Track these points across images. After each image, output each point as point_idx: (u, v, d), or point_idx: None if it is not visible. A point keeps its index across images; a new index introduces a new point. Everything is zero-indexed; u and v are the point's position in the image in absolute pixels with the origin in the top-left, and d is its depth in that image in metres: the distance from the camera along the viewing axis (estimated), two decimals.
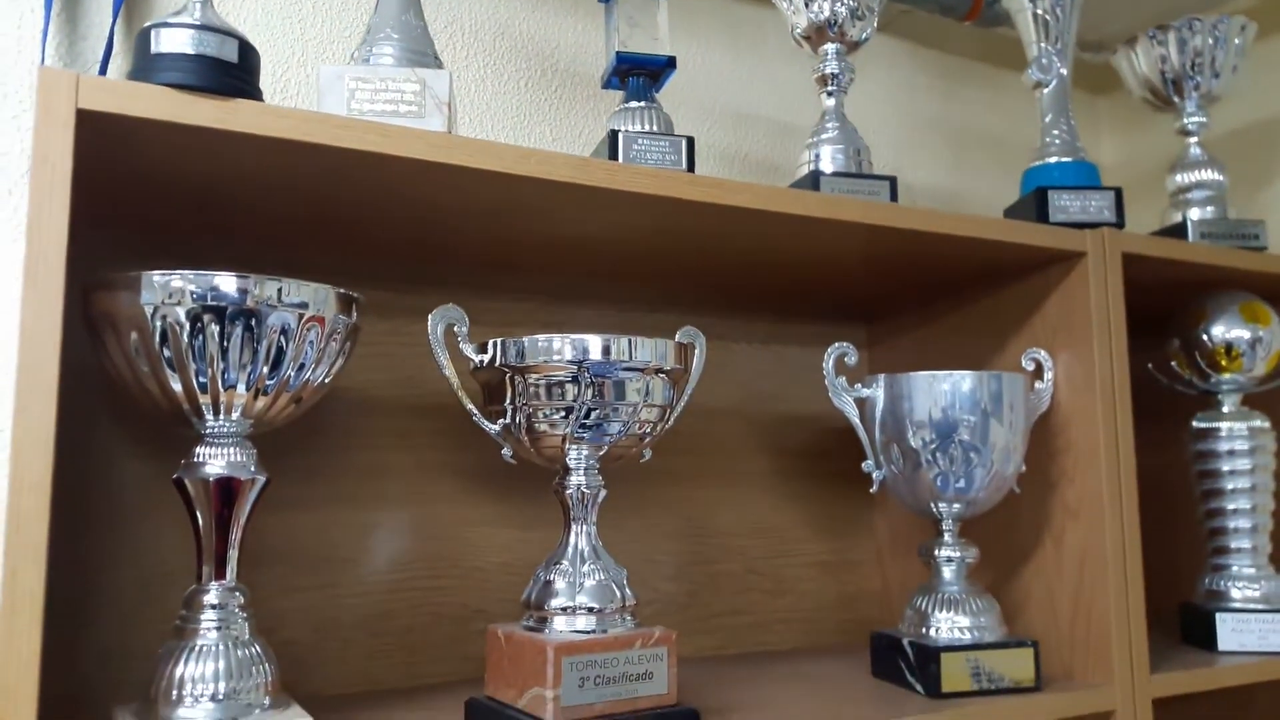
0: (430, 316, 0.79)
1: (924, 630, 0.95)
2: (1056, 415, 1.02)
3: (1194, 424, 1.17)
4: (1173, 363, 1.19)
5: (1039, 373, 1.02)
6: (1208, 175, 1.17)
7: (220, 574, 0.67)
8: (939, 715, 0.85)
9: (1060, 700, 0.92)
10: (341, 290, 0.69)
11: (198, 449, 0.68)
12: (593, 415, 0.78)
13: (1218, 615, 1.09)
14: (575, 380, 0.76)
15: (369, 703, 0.87)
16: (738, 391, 1.19)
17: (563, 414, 0.77)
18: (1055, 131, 1.09)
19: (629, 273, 1.08)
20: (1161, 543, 1.26)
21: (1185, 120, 1.20)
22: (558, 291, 1.08)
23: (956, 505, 0.96)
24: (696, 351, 0.89)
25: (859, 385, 0.99)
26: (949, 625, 0.94)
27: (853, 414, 0.99)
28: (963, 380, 0.94)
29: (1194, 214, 1.15)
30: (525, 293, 1.07)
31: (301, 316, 0.66)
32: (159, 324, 0.63)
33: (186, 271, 0.63)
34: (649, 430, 0.82)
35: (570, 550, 0.80)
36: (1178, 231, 1.13)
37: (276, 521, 0.92)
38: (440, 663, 0.98)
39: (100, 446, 0.87)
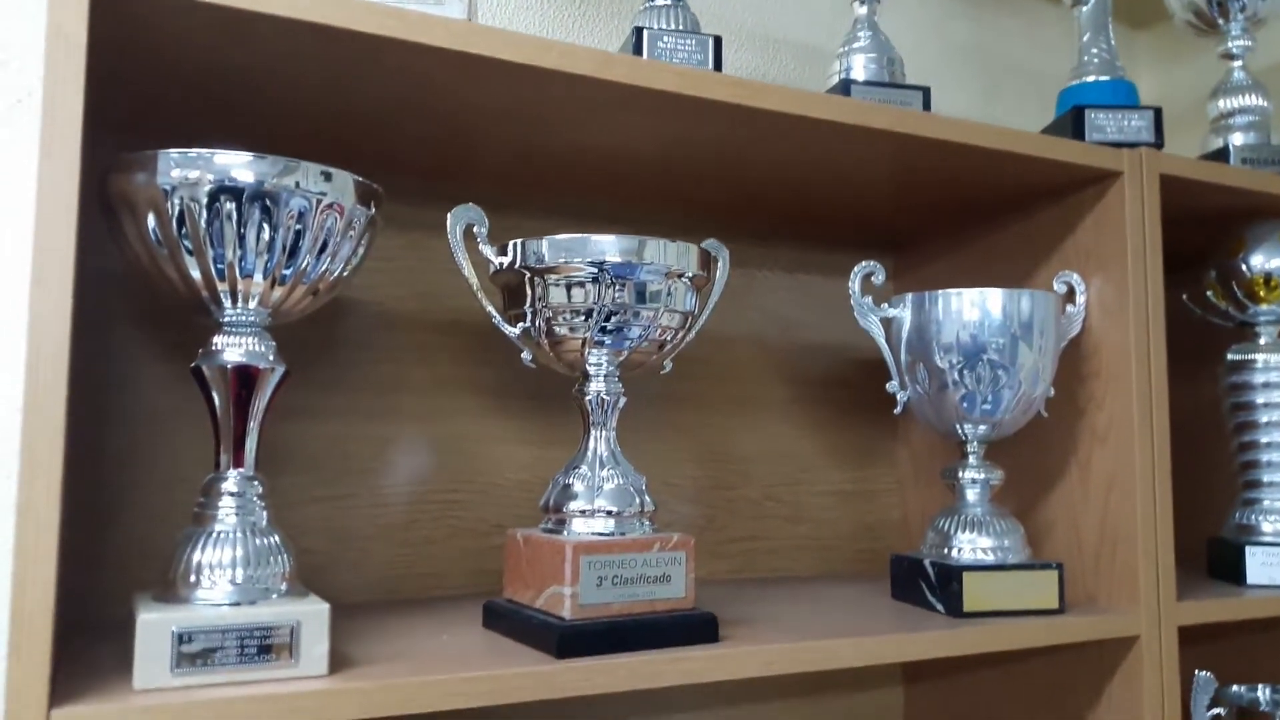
0: (450, 216, 0.78)
1: (946, 551, 0.94)
2: (1087, 340, 1.00)
3: (1229, 356, 1.14)
4: (1209, 293, 1.16)
5: (1071, 296, 1.00)
6: (1251, 100, 1.14)
7: (238, 462, 0.67)
8: (960, 632, 0.84)
9: (1084, 623, 0.90)
10: (361, 179, 0.68)
11: (216, 338, 0.67)
12: (613, 319, 0.76)
13: (1247, 549, 1.07)
14: (596, 281, 0.75)
15: (388, 611, 0.87)
16: (760, 319, 1.18)
17: (583, 317, 0.76)
18: (1094, 50, 1.06)
19: (651, 195, 1.06)
20: (1190, 484, 1.24)
21: (1229, 44, 1.16)
22: (578, 213, 1.07)
23: (982, 427, 0.95)
24: (720, 264, 0.88)
25: (885, 305, 0.97)
26: (971, 546, 0.93)
27: (878, 334, 0.98)
28: (992, 298, 0.92)
29: (1236, 139, 1.12)
30: (545, 213, 1.05)
31: (319, 202, 0.65)
32: (177, 204, 0.62)
33: (204, 151, 0.62)
34: (669, 338, 0.81)
35: (589, 455, 0.80)
36: (1219, 157, 1.10)
37: (294, 431, 0.92)
38: (459, 575, 0.98)
39: (120, 350, 0.87)
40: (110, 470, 0.86)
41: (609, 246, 0.75)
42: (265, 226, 0.64)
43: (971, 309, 0.92)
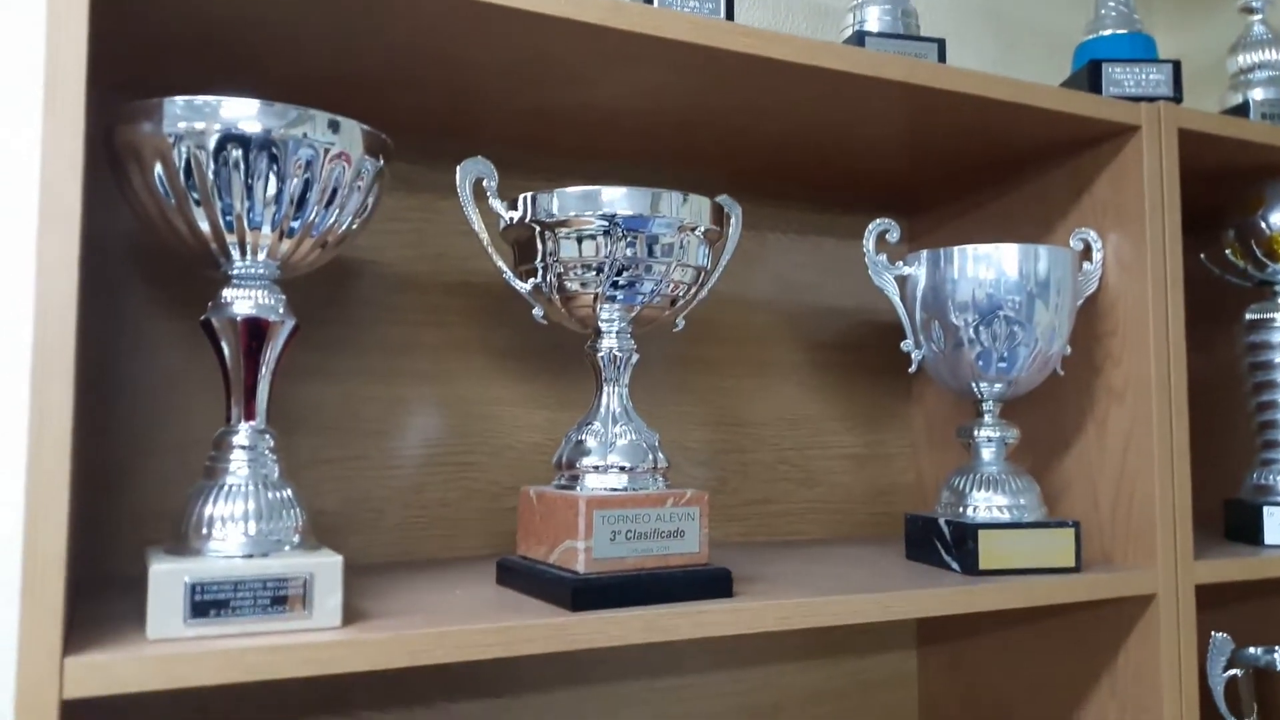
0: (459, 170, 0.77)
1: (961, 510, 0.93)
2: (1104, 297, 0.99)
3: (1247, 315, 1.13)
4: (1227, 252, 1.14)
5: (1087, 253, 0.99)
6: (1272, 55, 1.12)
7: (249, 415, 0.66)
8: (977, 589, 0.84)
9: (1101, 581, 0.90)
10: (369, 129, 0.67)
11: (225, 291, 0.67)
12: (625, 274, 0.76)
13: (1266, 509, 1.06)
14: (607, 235, 0.74)
15: (401, 571, 0.87)
16: (773, 282, 1.17)
17: (594, 272, 0.76)
18: (1111, 4, 1.04)
19: (663, 155, 1.05)
20: (1207, 450, 1.23)
21: None
22: (589, 174, 1.06)
23: (998, 385, 0.94)
24: (733, 221, 0.87)
25: (900, 263, 0.96)
26: (987, 505, 0.92)
27: (893, 293, 0.97)
28: (1008, 254, 0.91)
29: (1256, 94, 1.10)
30: (555, 174, 1.04)
31: (327, 152, 0.64)
32: (183, 153, 0.61)
33: (211, 99, 0.62)
34: (682, 293, 0.80)
35: (602, 411, 0.79)
36: (1238, 112, 1.08)
37: (306, 392, 0.92)
38: (473, 537, 0.98)
39: (130, 312, 0.86)
40: (122, 433, 0.86)
41: (620, 199, 0.74)
42: (273, 177, 0.63)
43: (987, 265, 0.91)
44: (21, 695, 0.54)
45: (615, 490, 0.75)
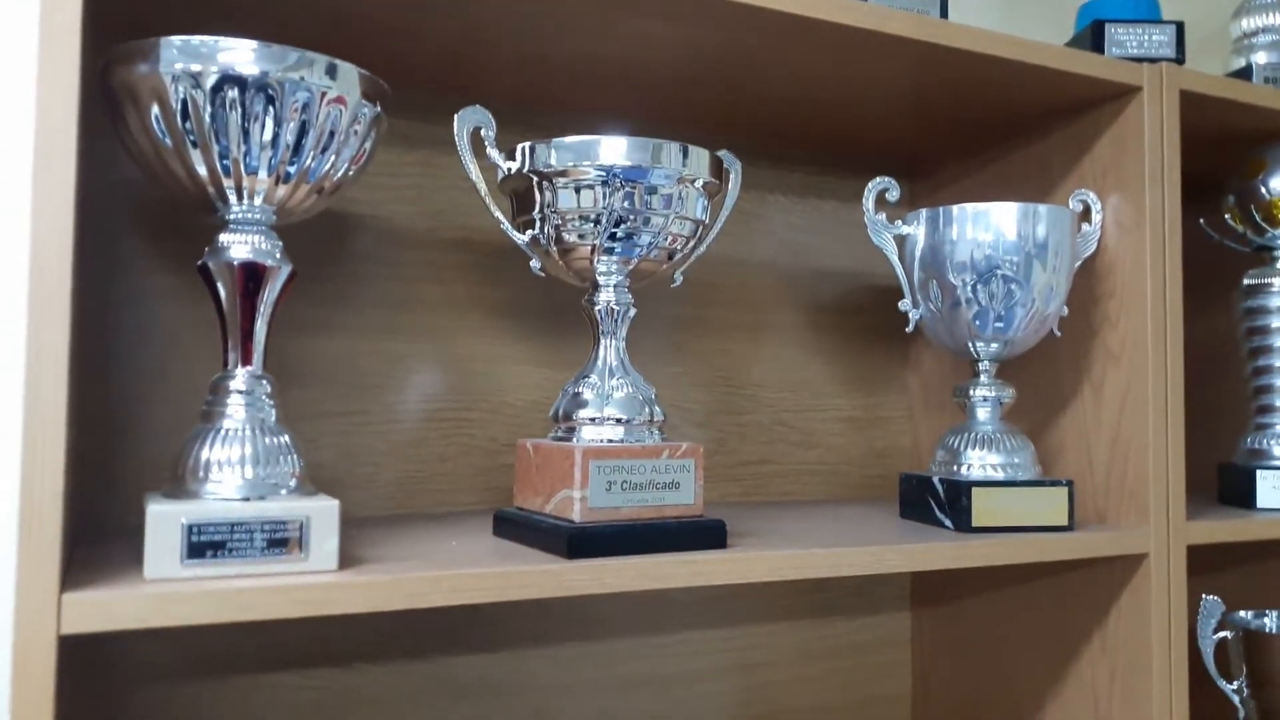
0: (456, 119, 0.77)
1: (955, 469, 0.93)
2: (1102, 259, 0.99)
3: (1245, 281, 1.13)
4: (1227, 217, 1.14)
5: (1087, 215, 0.99)
6: (1275, 19, 1.11)
7: (246, 360, 0.67)
8: (969, 545, 0.84)
9: (1093, 540, 0.90)
10: (366, 73, 0.67)
11: (222, 236, 0.67)
12: (622, 226, 0.76)
13: (1259, 472, 1.07)
14: (605, 185, 0.74)
15: (399, 524, 0.87)
16: (772, 244, 1.17)
17: (592, 223, 0.75)
18: None
19: (663, 115, 1.05)
20: (1202, 417, 1.23)
21: None
22: (589, 131, 1.05)
23: (994, 345, 0.94)
24: (732, 177, 0.87)
25: (899, 222, 0.96)
26: (981, 463, 0.92)
27: (891, 252, 0.97)
28: (1007, 212, 0.91)
29: (1259, 58, 1.10)
30: (554, 132, 1.04)
31: (324, 95, 0.64)
32: (180, 94, 0.61)
33: (208, 39, 0.61)
34: (680, 247, 0.80)
35: (599, 364, 0.79)
36: (1241, 76, 1.08)
37: (305, 346, 0.92)
38: (470, 493, 0.99)
39: (128, 263, 0.86)
40: (120, 384, 0.86)
41: (619, 150, 0.74)
42: (269, 120, 0.63)
43: (985, 224, 0.91)
44: (20, 630, 0.54)
45: (612, 442, 0.76)
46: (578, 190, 0.74)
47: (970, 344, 0.94)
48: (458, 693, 0.96)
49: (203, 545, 0.60)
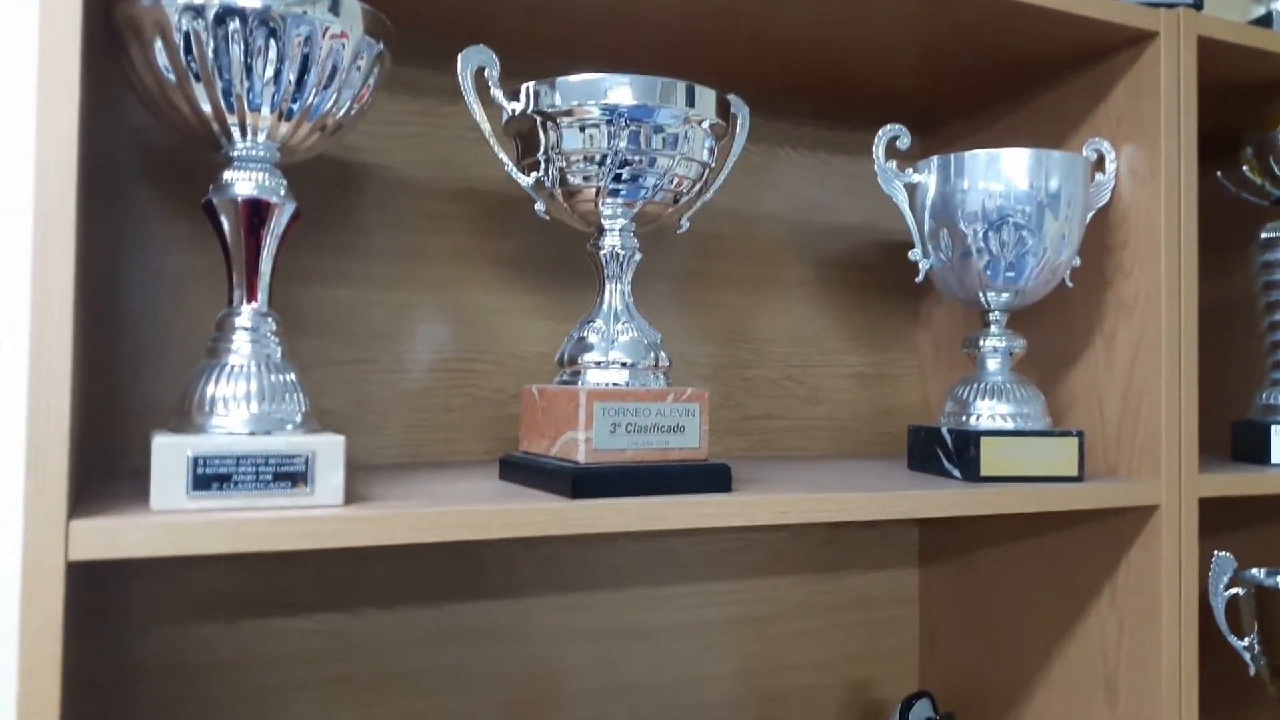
0: (460, 58, 0.76)
1: (964, 419, 0.93)
2: (1116, 209, 0.97)
3: (1262, 234, 1.11)
4: (1244, 169, 1.13)
5: (1100, 165, 0.98)
6: None
7: (251, 298, 0.67)
8: (978, 493, 0.84)
9: (1103, 491, 0.90)
10: (369, 8, 0.66)
11: (226, 173, 0.66)
12: (627, 168, 0.75)
13: (1274, 428, 1.06)
14: (611, 125, 0.73)
15: (405, 471, 0.88)
16: (782, 198, 1.16)
17: (597, 165, 0.75)
18: None
19: (672, 67, 1.03)
20: (1217, 377, 1.22)
21: None
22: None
23: (1005, 295, 0.93)
24: (740, 122, 0.86)
25: (910, 171, 0.95)
26: (990, 413, 0.92)
27: (902, 201, 0.96)
28: (1019, 158, 0.89)
29: None
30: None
31: (326, 30, 0.64)
32: (183, 28, 0.61)
33: None
34: (686, 189, 0.79)
35: (605, 308, 0.79)
36: (1261, 24, 1.06)
37: (311, 295, 0.92)
38: (476, 443, 0.99)
39: (134, 210, 0.87)
40: (128, 331, 0.86)
41: (624, 88, 0.73)
42: (271, 54, 0.63)
43: (997, 170, 0.90)
44: (28, 556, 0.55)
45: (616, 385, 0.76)
46: (583, 130, 0.74)
47: (981, 294, 0.94)
48: (463, 639, 0.97)
49: (208, 478, 0.61)
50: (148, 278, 0.87)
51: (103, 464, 0.84)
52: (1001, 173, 0.89)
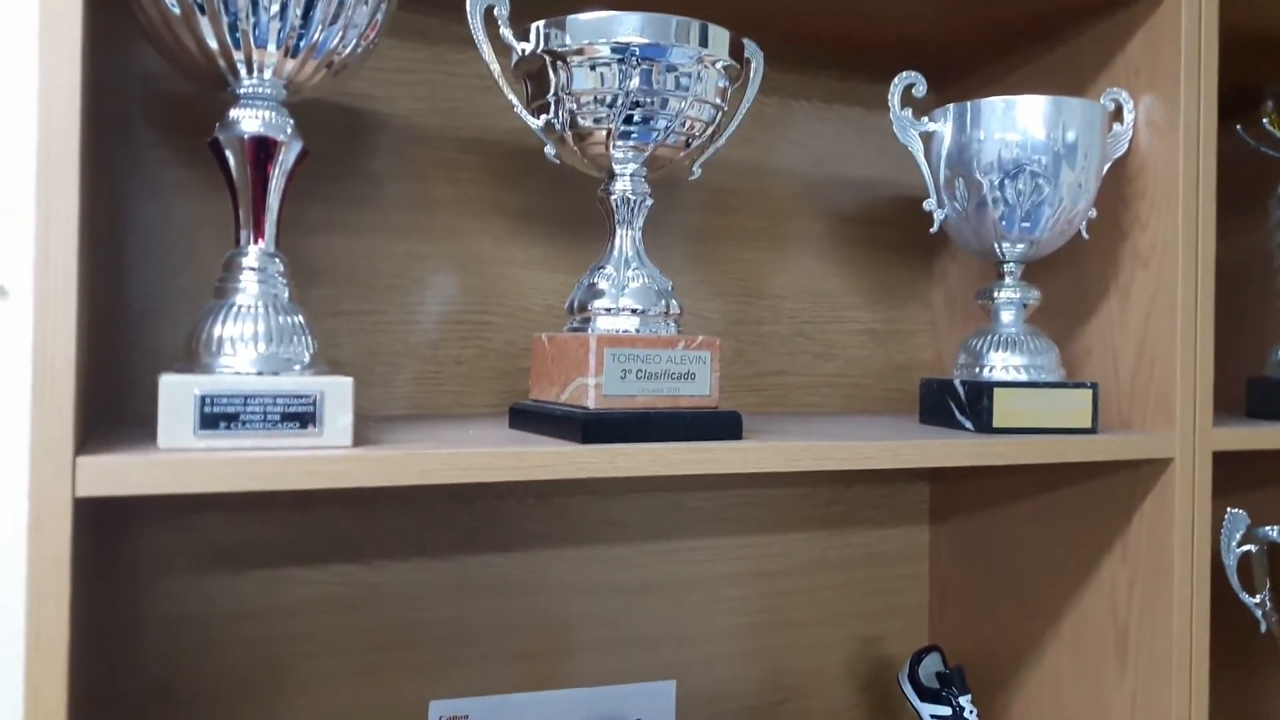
0: None
1: (977, 371, 0.92)
2: (1133, 160, 0.96)
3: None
4: (1264, 121, 1.11)
5: (1118, 115, 0.96)
6: None
7: (259, 237, 0.66)
8: (989, 442, 0.83)
9: (1117, 443, 0.89)
10: None
11: (232, 111, 0.66)
12: (639, 109, 0.74)
13: None
14: (622, 64, 0.72)
15: (415, 421, 0.87)
16: (796, 151, 1.15)
17: (608, 107, 0.74)
18: None
19: (685, 13, 1.02)
20: (1234, 335, 1.21)
21: None
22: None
23: (1020, 246, 0.92)
24: (754, 66, 0.85)
25: (925, 119, 0.94)
26: (1004, 364, 0.91)
27: (917, 150, 0.94)
28: (1036, 105, 0.88)
29: None
30: None
31: None
32: None
33: None
34: (697, 133, 0.78)
35: (615, 254, 0.78)
36: None
37: (321, 245, 0.92)
38: (487, 395, 0.98)
39: (142, 157, 0.86)
40: (136, 279, 0.86)
41: (636, 26, 0.72)
42: None
43: (1014, 117, 0.88)
44: (35, 492, 0.55)
45: (627, 332, 0.75)
46: (593, 69, 0.72)
47: (996, 245, 0.92)
48: (475, 591, 0.97)
49: (216, 416, 0.60)
50: (157, 225, 0.86)
51: (111, 412, 0.84)
52: (1018, 120, 0.88)
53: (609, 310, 0.76)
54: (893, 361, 1.20)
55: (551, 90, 0.75)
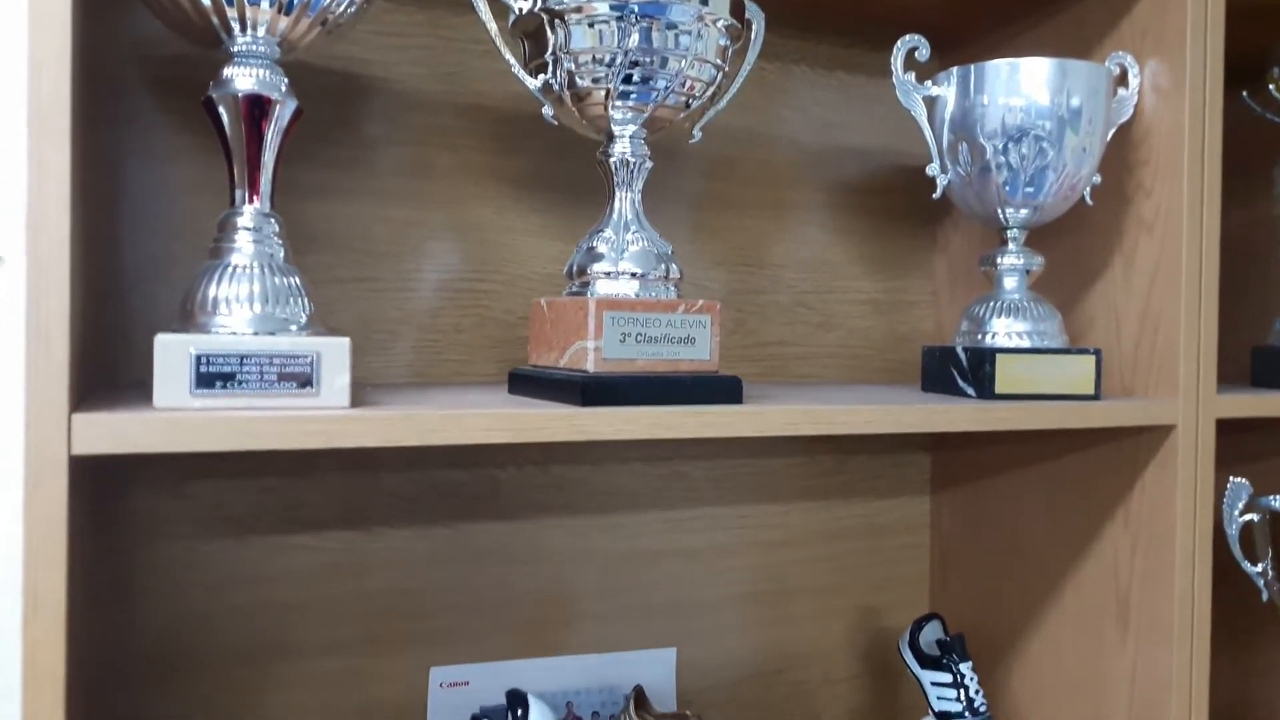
0: None
1: (980, 337, 0.91)
2: (1138, 126, 0.95)
3: None
4: (1271, 88, 1.10)
5: (1123, 79, 0.95)
6: None
7: (254, 197, 0.65)
8: (991, 408, 0.83)
9: (1120, 409, 0.88)
10: None
11: (226, 69, 0.65)
12: (638, 68, 0.73)
13: None
14: (621, 21, 0.71)
15: (415, 390, 0.87)
16: (797, 118, 1.14)
17: (606, 65, 0.73)
18: None
19: None
20: (1238, 306, 1.20)
21: None
22: None
23: (1024, 211, 0.91)
24: (755, 27, 0.84)
25: (928, 83, 0.93)
26: (1007, 331, 0.90)
27: (920, 114, 0.93)
28: (1041, 68, 0.87)
29: None
30: None
31: None
32: None
33: None
34: (698, 94, 0.77)
35: (615, 217, 0.78)
36: None
37: (318, 211, 0.91)
38: (486, 364, 0.98)
39: (137, 120, 0.85)
40: (131, 245, 0.85)
41: None
42: None
43: (1018, 79, 0.87)
44: (31, 450, 0.54)
45: (626, 296, 0.74)
46: (592, 26, 0.71)
47: (999, 210, 0.92)
48: (475, 558, 0.97)
49: (212, 376, 0.60)
50: (154, 190, 0.85)
51: (109, 378, 0.83)
52: (1022, 83, 0.87)
53: (608, 274, 0.75)
54: (894, 332, 1.19)
55: (549, 49, 0.74)
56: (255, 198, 0.65)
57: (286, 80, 0.66)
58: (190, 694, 0.87)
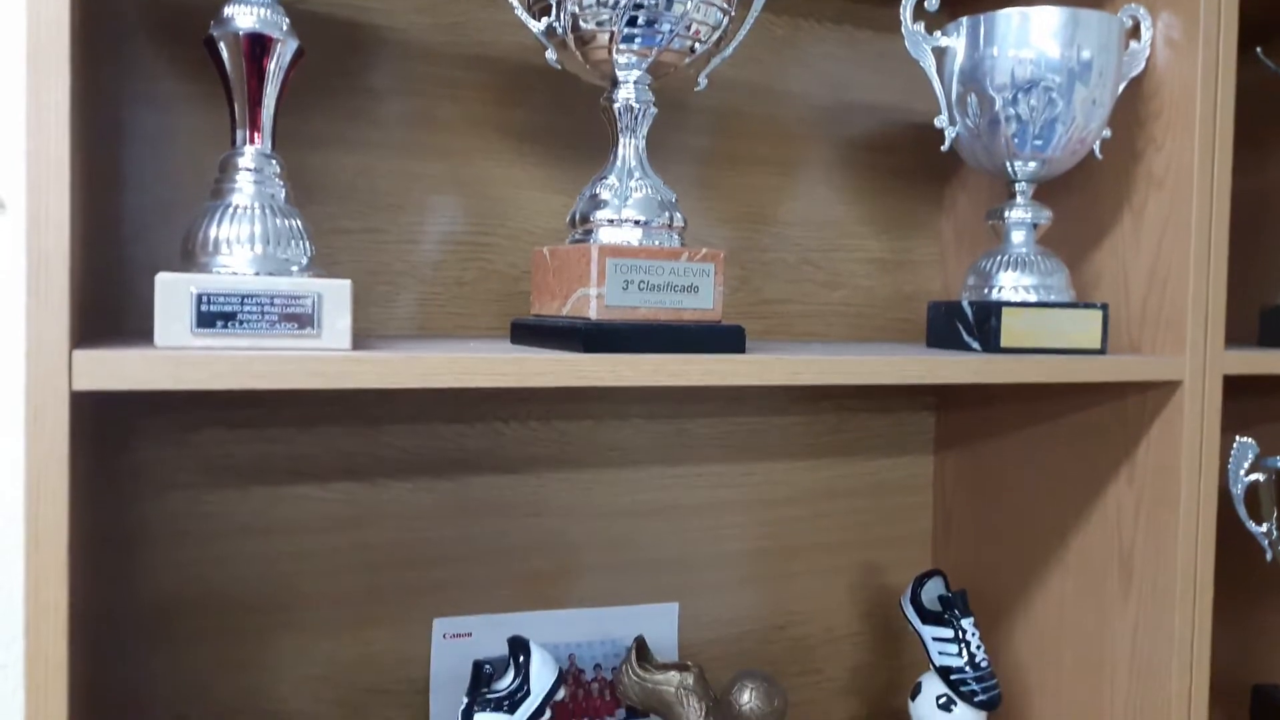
0: None
1: (986, 292, 0.91)
2: (1150, 80, 0.94)
3: None
4: None
5: (1135, 32, 0.94)
6: None
7: (254, 137, 0.65)
8: (995, 360, 0.82)
9: (1126, 364, 0.88)
10: None
11: (227, 8, 0.64)
12: (642, 11, 0.72)
13: None
14: None
15: (418, 341, 0.87)
16: (805, 74, 1.12)
17: (610, 6, 0.72)
18: None
19: None
20: (1247, 269, 1.19)
21: None
22: None
23: (1033, 164, 0.90)
24: None
25: (938, 33, 0.92)
26: (1014, 285, 0.90)
27: (929, 65, 0.92)
28: (1051, 18, 0.86)
29: None
30: None
31: None
32: None
33: None
34: (703, 39, 0.76)
35: (618, 164, 0.77)
36: None
37: (321, 160, 0.90)
38: (489, 317, 0.98)
39: (137, 66, 0.84)
40: (133, 191, 0.85)
41: None
42: None
43: (1029, 30, 0.86)
44: (32, 386, 0.54)
45: (630, 243, 0.74)
46: None
47: (1008, 163, 0.91)
48: (478, 510, 0.97)
49: (213, 315, 0.60)
50: (157, 136, 0.85)
51: (112, 324, 0.83)
52: (1033, 34, 0.86)
53: (611, 221, 0.75)
54: (900, 291, 1.19)
55: None
56: (257, 137, 0.65)
57: (287, 20, 0.65)
58: (194, 642, 0.88)
